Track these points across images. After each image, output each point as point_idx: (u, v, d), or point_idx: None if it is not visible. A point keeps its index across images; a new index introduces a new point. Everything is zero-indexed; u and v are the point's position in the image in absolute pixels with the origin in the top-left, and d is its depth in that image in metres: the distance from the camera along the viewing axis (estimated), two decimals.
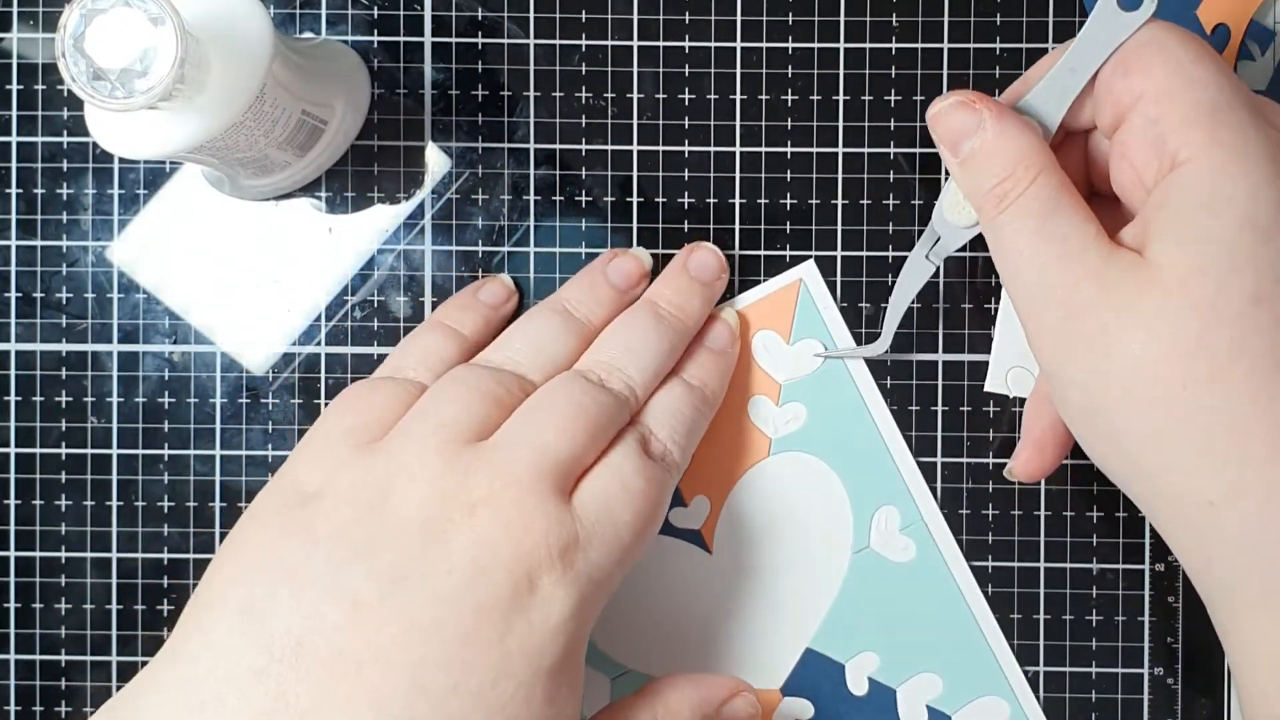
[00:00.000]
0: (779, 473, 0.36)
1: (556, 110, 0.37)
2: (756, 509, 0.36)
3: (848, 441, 0.36)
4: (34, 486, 0.37)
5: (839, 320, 0.37)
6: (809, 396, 0.36)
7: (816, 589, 0.36)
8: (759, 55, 0.37)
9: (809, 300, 0.37)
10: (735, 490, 0.36)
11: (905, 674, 0.36)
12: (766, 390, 0.36)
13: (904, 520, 0.36)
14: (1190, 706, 0.37)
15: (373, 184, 0.37)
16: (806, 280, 0.37)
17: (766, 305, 0.37)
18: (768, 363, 0.36)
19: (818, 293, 0.37)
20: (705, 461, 0.36)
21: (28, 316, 0.37)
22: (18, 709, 0.37)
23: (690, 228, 0.37)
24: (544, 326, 0.33)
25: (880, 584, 0.36)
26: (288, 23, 0.37)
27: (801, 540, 0.36)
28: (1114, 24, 0.28)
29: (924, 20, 0.37)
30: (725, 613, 0.36)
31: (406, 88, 0.37)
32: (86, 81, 0.27)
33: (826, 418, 0.36)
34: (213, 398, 0.37)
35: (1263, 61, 0.37)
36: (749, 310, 0.37)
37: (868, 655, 0.36)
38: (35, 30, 0.37)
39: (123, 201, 0.37)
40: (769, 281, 0.37)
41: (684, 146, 0.37)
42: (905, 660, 0.36)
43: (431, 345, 0.34)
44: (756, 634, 0.36)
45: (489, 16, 0.37)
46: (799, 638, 0.36)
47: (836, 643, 0.36)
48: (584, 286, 0.35)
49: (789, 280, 0.37)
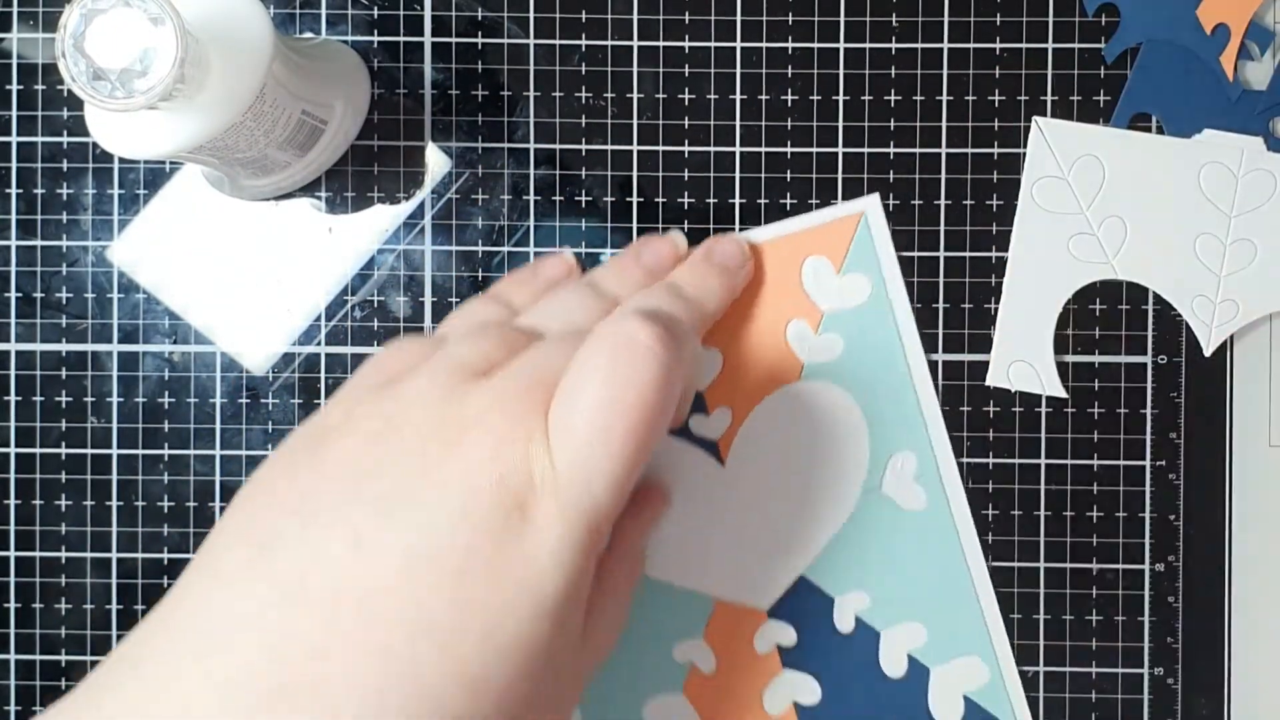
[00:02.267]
0: (805, 399, 0.36)
1: (556, 110, 0.37)
2: (776, 431, 0.36)
3: (878, 381, 0.36)
4: (34, 486, 0.37)
5: (893, 259, 0.36)
6: (849, 330, 0.36)
7: (821, 520, 0.36)
8: (759, 55, 0.37)
9: (867, 234, 0.36)
10: (759, 408, 0.36)
11: (892, 619, 0.36)
12: (808, 316, 0.36)
13: (920, 469, 0.36)
14: (1190, 706, 0.37)
15: (373, 184, 0.37)
16: (869, 214, 0.36)
17: (822, 232, 0.36)
18: (814, 289, 0.36)
19: (877, 228, 0.36)
20: (734, 375, 0.36)
21: (28, 316, 0.37)
22: (18, 709, 0.37)
23: (690, 228, 0.37)
24: (571, 297, 0.33)
25: (884, 527, 0.36)
26: (288, 23, 0.37)
27: (815, 469, 0.36)
28: None
29: (924, 20, 0.37)
30: (726, 527, 0.36)
31: (406, 88, 0.37)
32: (86, 81, 0.27)
33: (862, 354, 0.36)
34: (213, 398, 0.37)
35: (1263, 62, 0.37)
36: (804, 235, 0.36)
37: (859, 594, 0.36)
38: (35, 30, 0.37)
39: (123, 201, 0.37)
40: (829, 209, 0.36)
41: (684, 146, 0.37)
42: (894, 606, 0.36)
43: (477, 314, 0.33)
44: (754, 553, 0.36)
45: (489, 16, 0.37)
46: (795, 564, 0.36)
47: (831, 577, 0.36)
48: (616, 269, 0.35)
49: (850, 211, 0.36)
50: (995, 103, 0.37)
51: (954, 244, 0.37)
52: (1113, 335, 0.37)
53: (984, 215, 0.37)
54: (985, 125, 0.37)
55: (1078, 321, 0.37)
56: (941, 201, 0.37)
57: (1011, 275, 0.37)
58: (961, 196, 0.37)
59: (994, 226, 0.37)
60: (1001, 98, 0.37)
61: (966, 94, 0.37)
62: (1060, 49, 0.37)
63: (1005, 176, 0.37)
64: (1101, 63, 0.37)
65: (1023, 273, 0.37)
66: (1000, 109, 0.37)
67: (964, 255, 0.37)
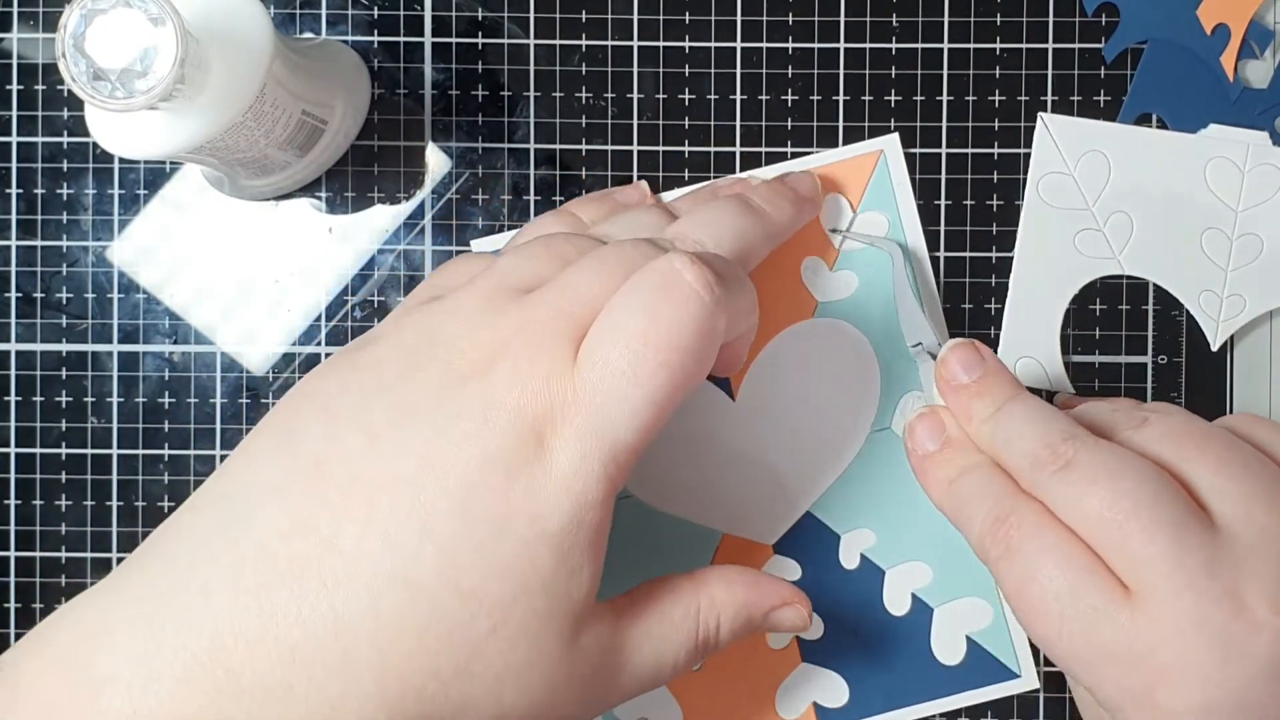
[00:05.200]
0: (817, 336, 0.36)
1: (556, 110, 0.37)
2: (788, 366, 0.36)
3: (891, 321, 0.36)
4: (34, 486, 0.37)
5: (910, 199, 0.36)
6: (864, 268, 0.36)
7: (829, 457, 0.36)
8: (759, 55, 0.37)
9: (884, 173, 0.36)
10: (771, 344, 0.36)
11: (897, 558, 0.36)
12: (823, 253, 0.36)
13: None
14: None
15: (373, 184, 0.37)
16: (887, 152, 0.36)
17: (840, 170, 0.36)
18: (830, 226, 0.36)
19: (895, 167, 0.36)
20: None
21: (28, 316, 0.37)
22: None
23: None
24: (641, 213, 0.33)
25: (892, 466, 0.36)
26: (288, 23, 0.37)
27: (825, 407, 0.36)
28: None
29: (924, 20, 0.37)
30: (735, 462, 0.36)
31: (406, 88, 0.37)
32: (86, 81, 0.27)
33: (876, 293, 0.36)
34: (213, 398, 0.37)
35: (1263, 62, 0.37)
36: (822, 171, 0.36)
37: (865, 532, 0.36)
38: (35, 30, 0.37)
39: (123, 201, 0.37)
40: (848, 147, 0.36)
41: (684, 146, 0.37)
42: (900, 545, 0.36)
43: (544, 226, 0.33)
44: (762, 488, 0.36)
45: (489, 16, 0.37)
46: (802, 500, 0.36)
47: (837, 514, 0.36)
48: (694, 197, 0.35)
49: (869, 149, 0.36)
50: (995, 103, 0.37)
51: (954, 244, 0.37)
52: (1113, 335, 0.37)
53: (984, 215, 0.37)
54: (985, 125, 0.37)
55: (1078, 322, 0.37)
56: (941, 202, 0.37)
57: (1018, 271, 0.37)
58: (961, 197, 0.37)
59: (994, 227, 0.37)
60: (1002, 98, 0.37)
61: (967, 94, 0.37)
62: (1060, 49, 0.37)
63: (1005, 176, 0.37)
64: (1101, 63, 0.37)
65: (1029, 269, 0.37)
66: (1000, 109, 0.37)
67: (964, 255, 0.37)
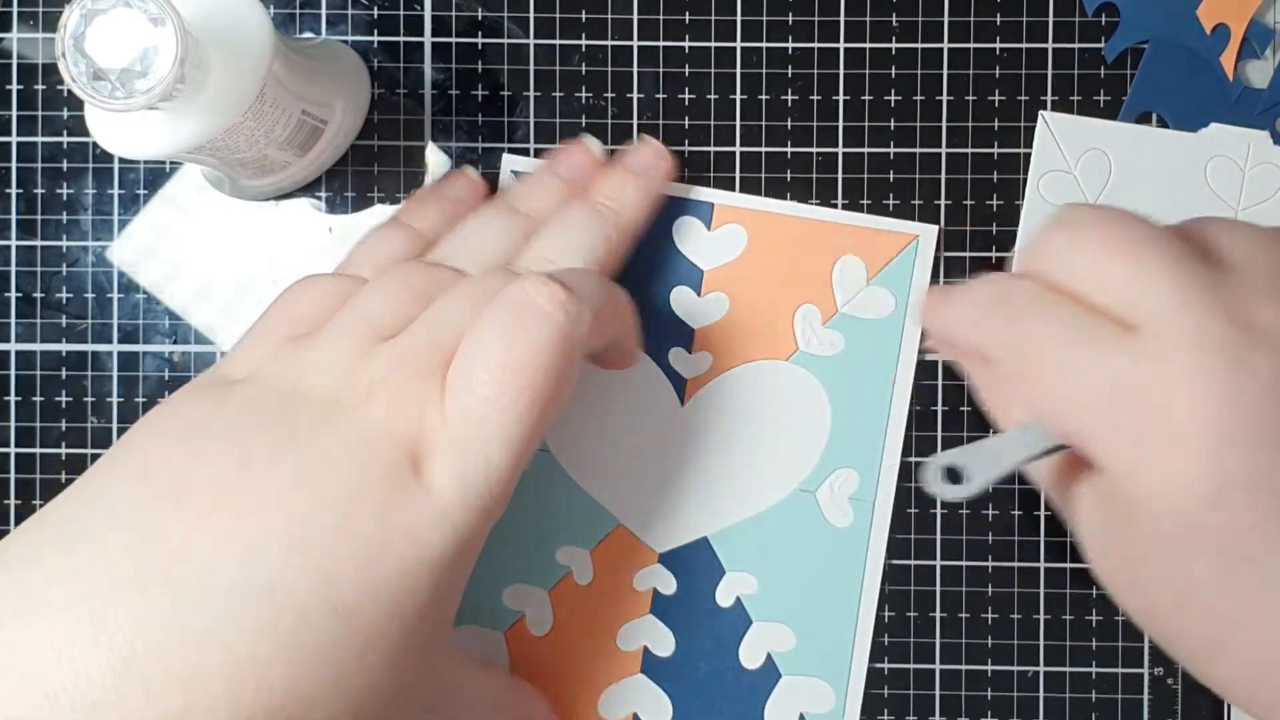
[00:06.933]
0: (784, 380, 0.36)
1: (556, 110, 0.37)
2: (745, 396, 0.36)
3: (859, 394, 0.36)
4: (34, 486, 0.37)
5: (925, 292, 0.36)
6: (853, 335, 0.36)
7: (748, 495, 0.36)
8: (759, 55, 0.37)
9: (911, 257, 0.36)
10: (740, 369, 0.36)
11: (769, 615, 0.36)
12: (822, 305, 0.36)
13: (859, 491, 0.36)
14: (1190, 706, 0.37)
15: (373, 184, 0.37)
16: (922, 240, 0.37)
17: (870, 236, 0.36)
18: (839, 285, 0.36)
19: (923, 256, 0.36)
20: (731, 328, 0.36)
21: (28, 316, 0.37)
22: None
23: None
24: (489, 223, 0.33)
25: (802, 529, 0.36)
26: (288, 23, 0.37)
27: (763, 447, 0.36)
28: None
29: (924, 20, 0.37)
30: (660, 462, 0.36)
31: (406, 88, 0.37)
32: (86, 81, 0.27)
33: (855, 363, 0.36)
34: None
35: (1263, 61, 0.37)
36: (853, 231, 0.36)
37: (749, 578, 0.36)
38: (35, 30, 0.37)
39: (123, 201, 0.37)
40: (889, 220, 0.37)
41: (684, 146, 0.37)
42: (777, 603, 0.36)
43: (383, 243, 0.34)
44: (674, 496, 0.36)
45: (489, 16, 0.37)
46: (705, 523, 0.36)
47: (732, 550, 0.36)
48: (532, 184, 0.35)
49: (905, 229, 0.37)
50: (995, 103, 0.37)
51: (954, 244, 0.37)
52: None
53: (984, 215, 0.37)
54: (985, 125, 0.37)
55: None
56: (942, 202, 0.37)
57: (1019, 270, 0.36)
58: (962, 197, 0.37)
59: (994, 227, 0.37)
60: (1002, 98, 0.37)
61: (967, 94, 0.37)
62: (1060, 49, 0.37)
63: (1005, 177, 0.37)
64: (1101, 62, 0.37)
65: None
66: (1000, 109, 0.37)
67: (964, 255, 0.37)
